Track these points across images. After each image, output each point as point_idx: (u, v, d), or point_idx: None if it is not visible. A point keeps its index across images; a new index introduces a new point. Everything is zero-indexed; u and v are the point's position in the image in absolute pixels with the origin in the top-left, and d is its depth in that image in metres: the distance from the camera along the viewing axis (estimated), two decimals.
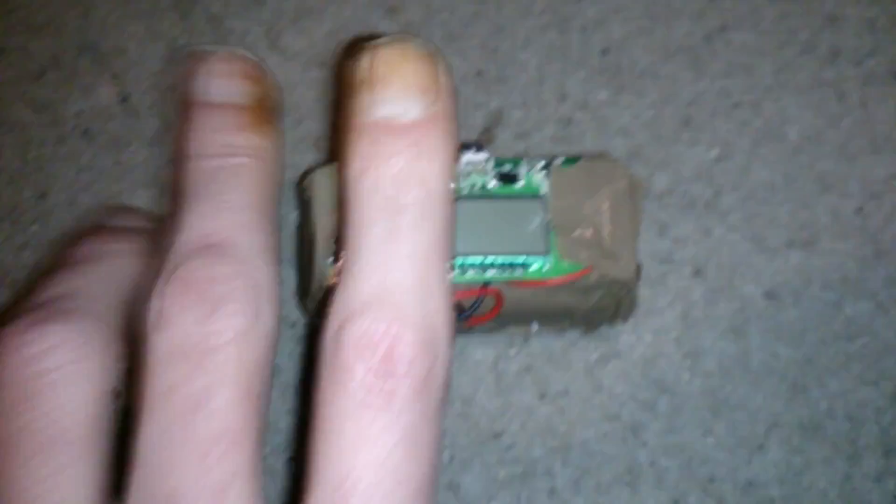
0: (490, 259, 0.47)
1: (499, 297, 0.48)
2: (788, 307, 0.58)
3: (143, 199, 0.59)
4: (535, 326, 0.55)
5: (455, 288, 0.48)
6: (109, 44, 0.63)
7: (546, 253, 0.48)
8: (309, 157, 0.60)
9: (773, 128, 0.62)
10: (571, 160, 0.50)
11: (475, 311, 0.48)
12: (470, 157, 0.49)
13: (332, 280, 0.47)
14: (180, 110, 0.36)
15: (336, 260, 0.47)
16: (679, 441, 0.55)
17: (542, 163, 0.50)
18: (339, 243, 0.47)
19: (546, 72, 0.63)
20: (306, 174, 0.50)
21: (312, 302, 0.49)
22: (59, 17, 0.64)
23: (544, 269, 0.48)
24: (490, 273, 0.48)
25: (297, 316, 0.57)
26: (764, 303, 0.58)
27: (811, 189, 0.60)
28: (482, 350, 0.57)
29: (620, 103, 0.62)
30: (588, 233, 0.49)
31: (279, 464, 0.55)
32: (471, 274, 0.48)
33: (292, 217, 0.59)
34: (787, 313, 0.58)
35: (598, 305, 0.50)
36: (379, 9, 0.64)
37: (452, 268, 0.47)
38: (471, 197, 0.48)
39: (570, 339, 0.57)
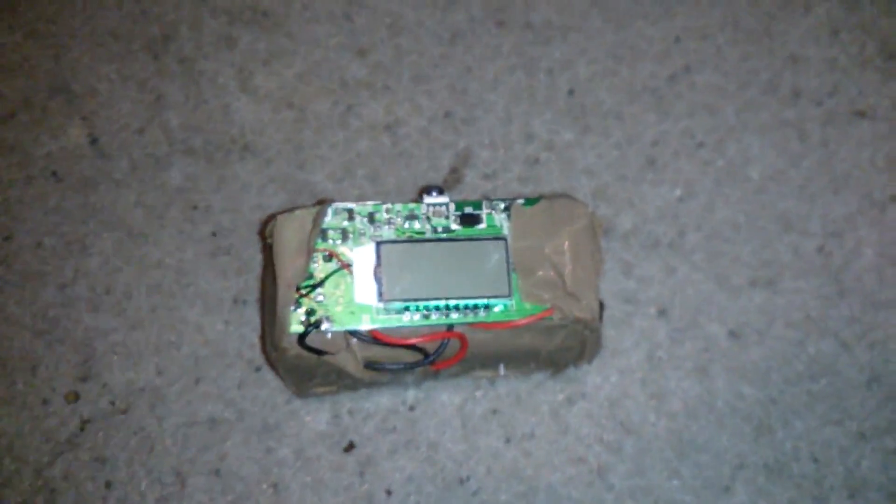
0: (454, 302, 0.44)
1: (463, 341, 0.45)
2: (752, 346, 0.55)
3: (108, 241, 0.56)
4: (502, 370, 0.52)
5: (419, 332, 0.45)
6: (81, 85, 0.60)
7: (509, 295, 0.44)
8: (278, 199, 0.57)
9: (736, 167, 0.59)
10: (532, 200, 0.46)
11: (440, 356, 0.45)
12: (432, 199, 0.46)
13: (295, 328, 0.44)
14: None
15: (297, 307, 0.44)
16: (645, 484, 0.52)
17: (504, 204, 0.46)
18: (300, 291, 0.44)
19: (513, 112, 0.60)
20: (269, 220, 0.46)
21: (274, 350, 0.45)
22: (31, 59, 0.60)
23: (507, 311, 0.45)
24: (454, 316, 0.44)
25: (261, 360, 0.53)
26: (728, 342, 0.55)
27: (773, 228, 0.57)
28: (448, 394, 0.53)
29: (586, 143, 0.59)
30: (550, 273, 0.45)
31: None
32: (434, 317, 0.44)
33: (258, 259, 0.56)
34: (750, 353, 0.54)
35: (562, 346, 0.47)
36: (349, 51, 0.61)
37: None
38: (434, 239, 0.45)
39: (537, 381, 0.53)
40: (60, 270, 0.55)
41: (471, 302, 0.44)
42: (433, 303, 0.44)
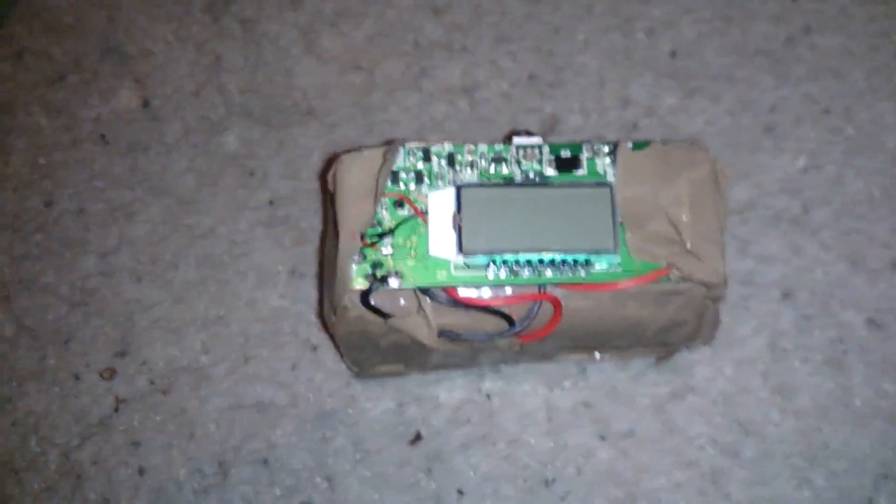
0: (548, 257, 0.36)
1: (557, 306, 0.37)
2: (895, 337, 0.46)
3: (156, 208, 0.50)
4: (597, 355, 0.44)
5: (505, 293, 0.37)
6: (134, 47, 0.55)
7: (614, 249, 0.36)
8: None
9: (868, 136, 0.51)
10: (642, 144, 0.39)
11: (529, 324, 0.37)
12: (521, 140, 0.39)
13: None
14: None
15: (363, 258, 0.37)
16: (769, 494, 0.43)
17: (608, 147, 0.39)
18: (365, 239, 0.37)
19: (607, 75, 0.53)
20: (331, 162, 0.39)
21: (333, 313, 0.38)
22: (84, 20, 0.56)
23: (612, 269, 0.37)
24: (547, 274, 0.37)
25: (319, 339, 0.47)
26: (866, 331, 0.46)
27: None
28: (531, 382, 0.45)
29: (692, 109, 0.51)
30: (664, 227, 0.38)
31: None
32: (525, 275, 0.36)
33: (318, 230, 0.49)
34: (893, 344, 0.46)
35: (675, 319, 0.39)
36: (423, 10, 0.55)
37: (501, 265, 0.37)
38: (525, 185, 0.38)
39: (636, 371, 0.45)
40: (103, 238, 0.50)
41: (569, 256, 0.36)
42: (523, 256, 0.36)
